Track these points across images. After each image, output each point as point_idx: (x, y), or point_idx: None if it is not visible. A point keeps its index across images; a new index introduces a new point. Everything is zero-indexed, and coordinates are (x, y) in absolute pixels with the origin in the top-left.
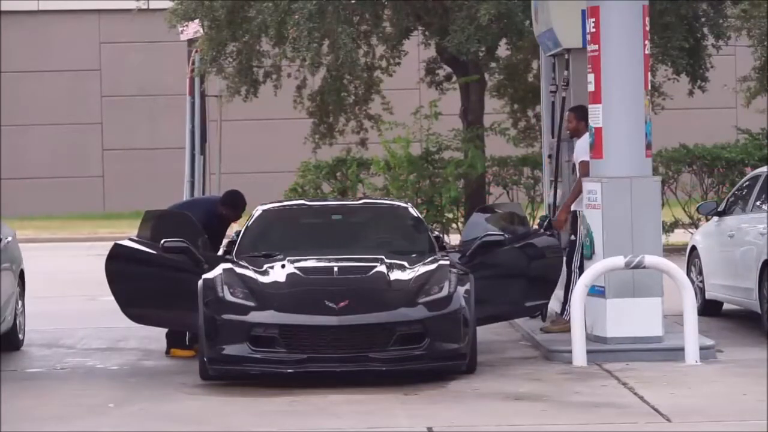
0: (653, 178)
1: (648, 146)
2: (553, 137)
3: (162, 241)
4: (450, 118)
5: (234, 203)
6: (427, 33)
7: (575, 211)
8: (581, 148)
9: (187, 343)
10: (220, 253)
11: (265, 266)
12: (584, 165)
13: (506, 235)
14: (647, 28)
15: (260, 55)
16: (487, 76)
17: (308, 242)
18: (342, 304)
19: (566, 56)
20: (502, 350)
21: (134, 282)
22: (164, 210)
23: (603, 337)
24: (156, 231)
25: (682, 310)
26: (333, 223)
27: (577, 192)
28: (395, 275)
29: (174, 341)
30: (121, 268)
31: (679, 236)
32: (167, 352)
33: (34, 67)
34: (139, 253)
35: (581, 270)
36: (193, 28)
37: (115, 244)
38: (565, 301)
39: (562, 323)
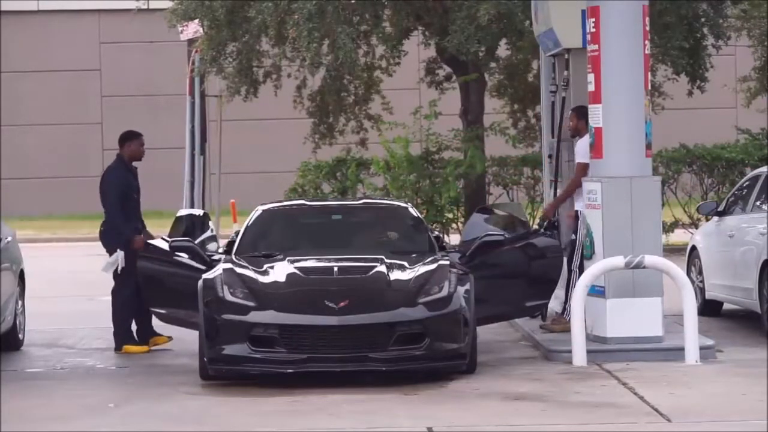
0: (653, 178)
1: (648, 146)
2: (553, 137)
3: (170, 241)
4: (450, 118)
5: (130, 134)
6: (427, 33)
7: (578, 211)
8: (581, 150)
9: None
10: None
11: (265, 266)
12: (582, 167)
13: (506, 235)
14: (647, 28)
15: (260, 55)
16: (487, 76)
17: (308, 242)
18: (342, 304)
19: (566, 56)
20: (502, 350)
21: (158, 282)
22: (189, 211)
23: (603, 337)
24: (176, 231)
25: (682, 310)
26: (333, 223)
27: (571, 190)
28: (395, 275)
29: (124, 338)
30: (150, 267)
31: (679, 236)
32: (118, 349)
33: (34, 67)
34: (161, 252)
35: (581, 270)
36: (193, 28)
37: (146, 244)
38: (566, 300)
39: (562, 323)
